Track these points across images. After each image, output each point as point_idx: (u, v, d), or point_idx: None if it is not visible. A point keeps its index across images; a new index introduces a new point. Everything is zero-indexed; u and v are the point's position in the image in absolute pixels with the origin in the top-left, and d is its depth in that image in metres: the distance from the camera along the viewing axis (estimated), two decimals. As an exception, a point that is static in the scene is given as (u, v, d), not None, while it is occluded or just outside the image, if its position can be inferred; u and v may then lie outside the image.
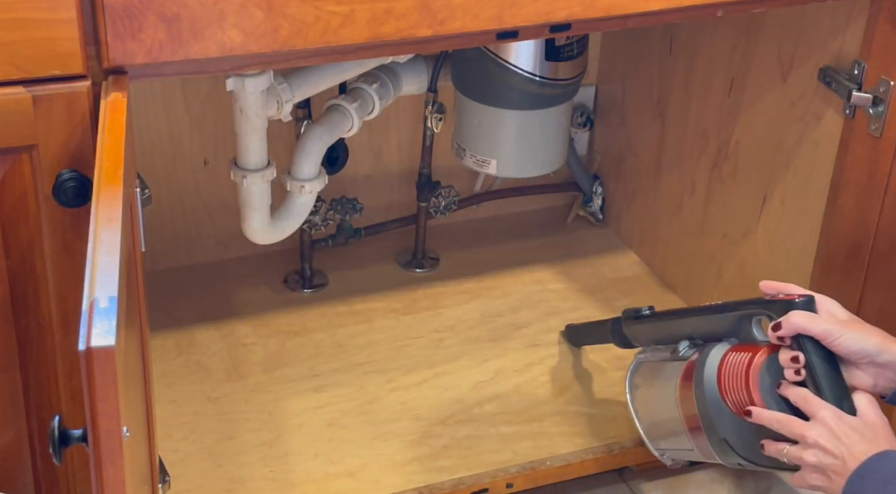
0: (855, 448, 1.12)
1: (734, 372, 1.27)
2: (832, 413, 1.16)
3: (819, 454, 1.15)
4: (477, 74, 1.71)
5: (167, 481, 1.35)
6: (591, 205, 2.05)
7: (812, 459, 1.15)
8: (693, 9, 1.33)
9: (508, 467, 1.55)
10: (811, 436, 1.15)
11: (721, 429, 1.29)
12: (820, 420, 1.15)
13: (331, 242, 1.90)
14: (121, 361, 0.81)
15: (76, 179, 1.14)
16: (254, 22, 1.15)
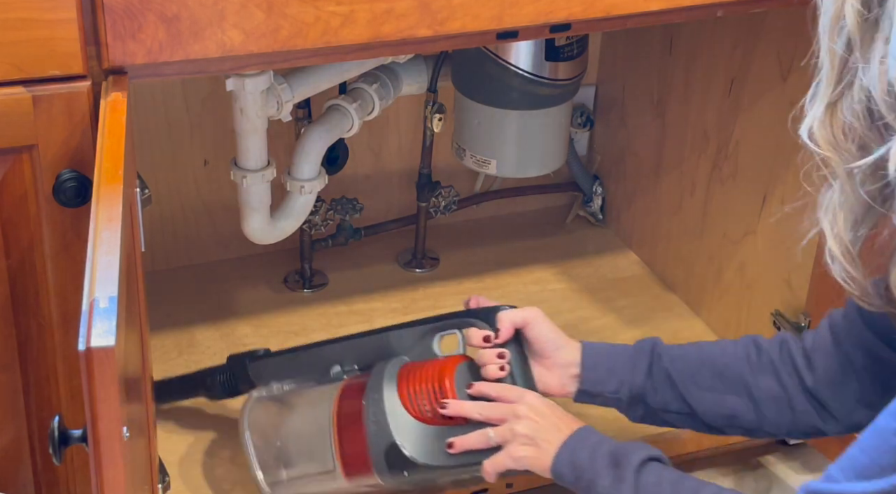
0: (562, 420, 1.21)
1: (422, 379, 1.28)
2: (534, 394, 1.25)
3: (529, 424, 1.21)
4: (477, 74, 1.71)
5: (167, 481, 1.35)
6: (591, 205, 2.05)
7: (522, 429, 1.21)
8: (693, 9, 1.33)
9: (508, 467, 1.55)
10: (522, 410, 1.22)
11: (394, 434, 1.27)
12: (528, 399, 1.23)
13: (331, 242, 1.90)
14: (121, 361, 0.81)
15: (76, 179, 1.14)
16: (254, 22, 1.15)
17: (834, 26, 0.91)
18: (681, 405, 1.29)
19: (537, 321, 1.31)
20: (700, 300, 1.84)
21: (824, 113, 0.93)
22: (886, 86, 0.86)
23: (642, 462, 1.15)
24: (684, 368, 1.28)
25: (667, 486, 1.12)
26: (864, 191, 0.92)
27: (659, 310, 1.86)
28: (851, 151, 0.92)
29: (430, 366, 1.30)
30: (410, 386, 1.29)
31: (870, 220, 0.95)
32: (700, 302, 1.85)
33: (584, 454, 1.18)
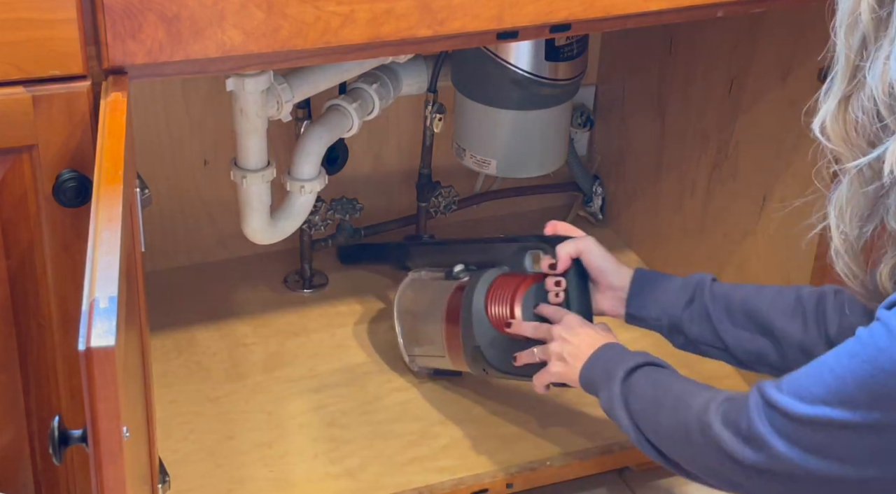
0: (588, 339, 1.33)
1: (501, 293, 1.46)
2: (575, 316, 1.37)
3: (561, 344, 1.34)
4: (477, 74, 1.71)
5: (167, 481, 1.35)
6: (591, 205, 2.05)
7: (556, 348, 1.35)
8: (693, 9, 1.33)
9: (508, 467, 1.55)
10: (556, 331, 1.35)
11: (478, 338, 1.46)
12: (565, 321, 1.36)
13: (331, 242, 1.90)
14: (121, 361, 0.81)
15: (76, 179, 1.14)
16: (254, 22, 1.15)
17: (849, 21, 0.91)
18: (714, 339, 1.34)
19: (589, 250, 1.43)
20: (700, 300, 1.84)
21: (836, 108, 0.94)
22: (888, 86, 0.87)
23: (629, 370, 1.22)
24: (722, 305, 1.34)
25: (649, 390, 1.19)
26: (870, 189, 0.93)
27: (659, 310, 1.86)
28: (862, 147, 0.93)
29: (512, 282, 1.46)
30: (493, 297, 1.46)
31: (874, 219, 0.96)
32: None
33: (597, 370, 1.28)
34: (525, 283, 1.45)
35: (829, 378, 0.96)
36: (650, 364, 1.24)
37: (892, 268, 0.96)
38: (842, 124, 0.93)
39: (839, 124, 0.94)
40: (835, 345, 1.23)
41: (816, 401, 0.96)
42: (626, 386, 1.22)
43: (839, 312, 1.27)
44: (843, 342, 0.97)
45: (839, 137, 0.94)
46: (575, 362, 1.32)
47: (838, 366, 0.96)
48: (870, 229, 0.97)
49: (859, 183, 0.95)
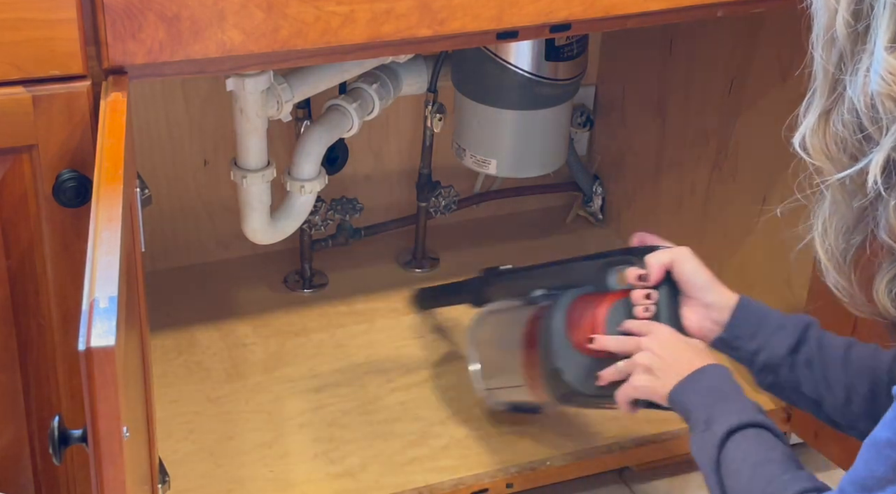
0: (682, 354, 1.22)
1: (584, 311, 1.34)
2: (667, 328, 1.26)
3: (649, 355, 1.23)
4: (477, 74, 1.71)
5: (167, 481, 1.35)
6: (591, 205, 2.05)
7: (644, 360, 1.23)
8: (693, 9, 1.33)
9: (508, 467, 1.55)
10: (645, 342, 1.24)
11: (557, 360, 1.34)
12: (655, 332, 1.25)
13: (331, 242, 1.91)
14: (121, 361, 0.81)
15: (76, 179, 1.14)
16: (254, 22, 1.15)
17: (826, 37, 0.92)
18: (812, 391, 1.25)
19: (683, 261, 1.30)
20: (700, 300, 1.84)
21: (817, 122, 0.94)
22: (869, 98, 0.87)
23: (730, 431, 1.12)
24: (829, 359, 1.24)
25: (746, 468, 1.09)
26: (854, 202, 0.93)
27: (659, 310, 1.86)
28: (843, 161, 0.93)
29: (595, 300, 1.34)
30: (574, 316, 1.35)
31: (861, 231, 0.95)
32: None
33: (693, 398, 1.18)
34: (609, 299, 1.33)
35: (888, 452, 0.90)
36: (755, 425, 1.13)
37: (888, 283, 0.93)
38: (822, 138, 0.93)
39: (820, 138, 0.94)
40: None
41: (885, 483, 0.90)
42: (724, 450, 1.11)
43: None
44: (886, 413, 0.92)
45: (820, 151, 0.94)
46: (664, 377, 1.21)
47: (893, 434, 0.91)
48: (856, 242, 0.95)
49: (843, 196, 0.94)
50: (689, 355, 1.22)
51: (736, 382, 1.18)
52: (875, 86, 0.86)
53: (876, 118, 0.87)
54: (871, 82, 0.87)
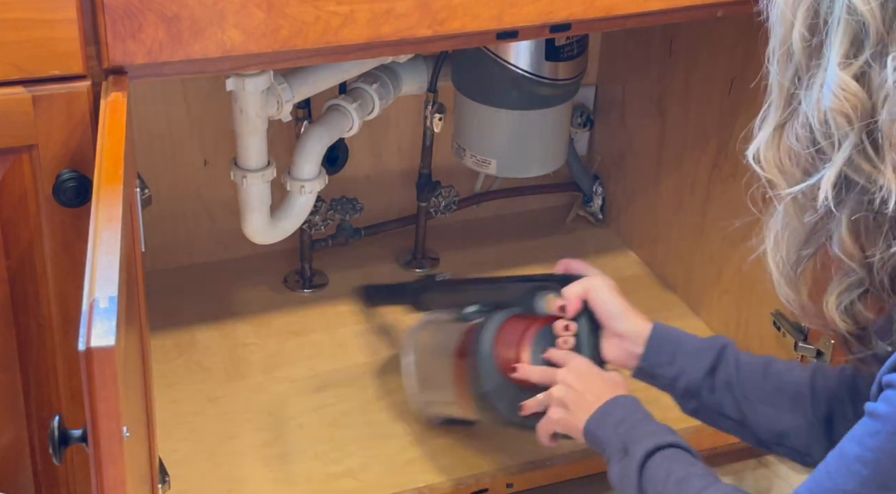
0: (594, 387, 1.24)
1: (510, 336, 1.36)
2: (583, 360, 1.28)
3: (564, 389, 1.26)
4: (477, 74, 1.71)
5: (167, 481, 1.35)
6: (591, 205, 2.05)
7: (558, 393, 1.26)
8: (693, 9, 1.33)
9: (508, 467, 1.55)
10: (560, 375, 1.27)
11: (485, 384, 1.37)
12: (571, 365, 1.28)
13: (331, 242, 1.90)
14: (121, 361, 0.81)
15: (76, 179, 1.14)
16: (254, 22, 1.15)
17: (782, 50, 0.92)
18: (734, 411, 1.26)
19: (596, 291, 1.31)
20: (700, 300, 1.84)
21: (771, 136, 0.95)
22: (822, 114, 0.87)
23: (647, 454, 1.13)
24: (747, 377, 1.25)
25: (670, 485, 1.11)
26: (805, 217, 0.93)
27: (659, 310, 1.85)
28: (796, 176, 0.93)
29: (521, 325, 1.37)
30: (502, 341, 1.37)
31: (812, 244, 0.95)
32: (700, 302, 1.85)
33: (605, 431, 1.19)
34: (534, 326, 1.36)
35: (858, 467, 0.90)
36: (671, 446, 1.14)
37: (838, 296, 0.94)
38: (776, 152, 0.94)
39: (773, 152, 0.95)
40: None
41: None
42: (644, 472, 1.13)
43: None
44: (854, 427, 0.92)
45: (773, 165, 0.95)
46: (578, 411, 1.23)
47: (864, 450, 0.90)
48: (807, 255, 0.96)
49: (795, 210, 0.95)
50: (600, 388, 1.23)
51: (645, 410, 1.20)
52: (827, 102, 0.87)
53: (828, 133, 0.87)
54: (824, 98, 0.87)
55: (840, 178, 0.87)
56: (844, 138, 0.87)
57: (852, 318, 0.94)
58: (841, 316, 0.94)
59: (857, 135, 0.86)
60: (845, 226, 0.89)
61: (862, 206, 0.87)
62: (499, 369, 1.36)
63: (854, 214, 0.88)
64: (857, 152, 0.86)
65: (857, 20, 0.85)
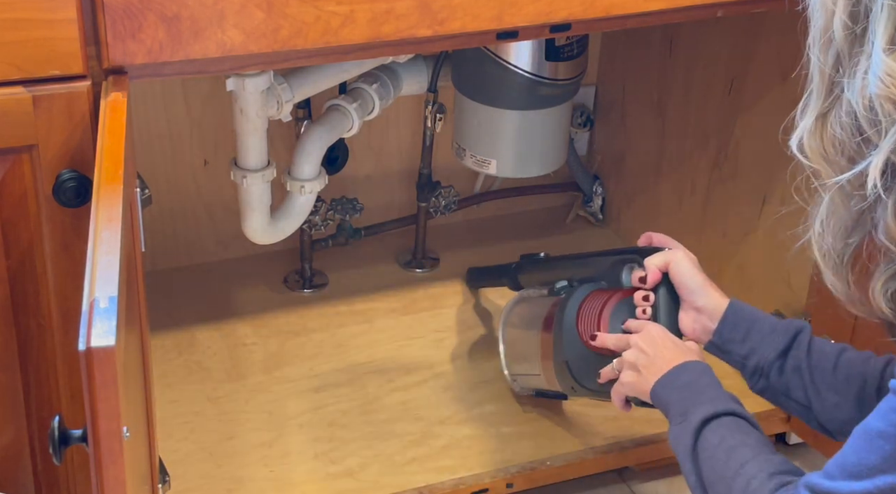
0: (666, 352, 1.23)
1: (592, 307, 1.38)
2: (657, 327, 1.27)
3: (636, 353, 1.25)
4: (477, 74, 1.71)
5: (167, 481, 1.35)
6: (591, 205, 2.05)
7: (631, 357, 1.25)
8: (693, 9, 1.33)
9: (508, 467, 1.55)
10: (633, 339, 1.26)
11: (566, 352, 1.39)
12: (645, 331, 1.27)
13: (331, 242, 1.91)
14: (121, 361, 0.81)
15: (76, 179, 1.14)
16: (254, 22, 1.15)
17: (823, 39, 0.92)
18: (801, 396, 1.25)
19: (677, 263, 1.31)
20: (700, 300, 1.84)
21: (814, 124, 0.94)
22: (868, 101, 0.87)
23: (705, 420, 1.13)
24: (818, 363, 1.24)
25: (721, 453, 1.10)
26: (852, 204, 0.93)
27: (659, 310, 1.86)
28: (841, 164, 0.93)
29: (604, 297, 1.38)
30: (584, 312, 1.39)
31: (859, 232, 0.95)
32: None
33: (670, 393, 1.19)
34: (615, 297, 1.37)
35: (881, 443, 0.91)
36: (730, 414, 1.14)
37: (884, 283, 0.93)
38: (820, 141, 0.94)
39: (817, 141, 0.94)
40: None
41: (875, 472, 0.91)
42: (699, 437, 1.13)
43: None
44: (879, 403, 0.93)
45: (818, 154, 0.94)
46: (648, 374, 1.22)
47: (886, 426, 0.91)
48: (854, 243, 0.95)
49: (841, 198, 0.94)
50: (672, 353, 1.23)
51: (714, 377, 1.19)
52: (874, 88, 0.86)
53: (874, 120, 0.87)
54: (870, 85, 0.87)
55: (887, 165, 0.87)
56: (892, 124, 0.86)
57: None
58: (888, 304, 0.94)
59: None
60: (892, 213, 0.89)
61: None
62: (580, 339, 1.38)
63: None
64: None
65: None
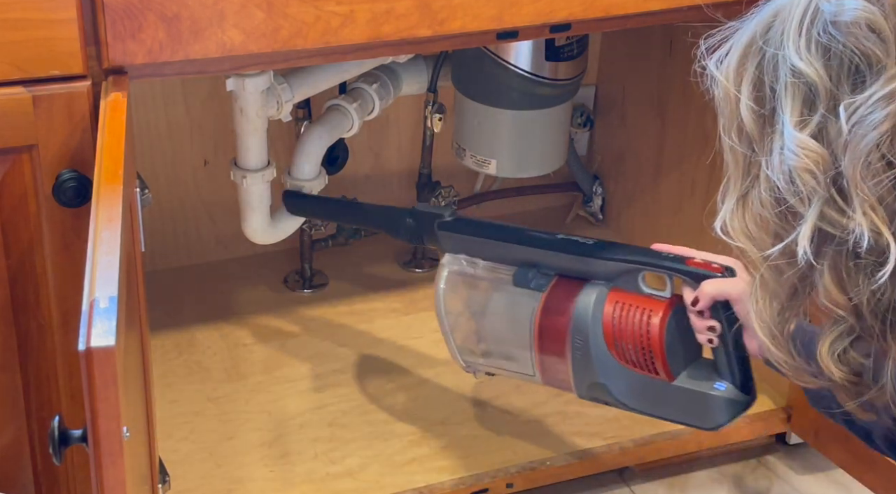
0: None
1: (629, 324, 1.27)
2: None
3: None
4: (477, 74, 1.71)
5: (167, 481, 1.35)
6: (591, 205, 2.05)
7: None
8: (693, 9, 1.33)
9: (508, 467, 1.55)
10: None
11: (601, 375, 1.29)
12: None
13: (331, 242, 1.90)
14: (121, 361, 0.81)
15: (76, 179, 1.14)
16: (254, 22, 1.15)
17: (732, 126, 0.96)
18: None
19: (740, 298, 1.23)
20: (700, 300, 1.84)
21: (735, 206, 0.97)
22: (787, 175, 0.89)
23: None
24: None
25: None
26: (784, 278, 0.94)
27: (659, 310, 1.86)
28: (765, 240, 0.94)
29: (636, 313, 1.27)
30: (617, 329, 1.27)
31: (795, 305, 0.96)
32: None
33: None
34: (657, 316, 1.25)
35: None
36: None
37: (831, 344, 0.94)
38: (742, 221, 0.96)
39: (740, 220, 0.96)
40: None
41: None
42: None
43: None
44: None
45: (741, 233, 0.96)
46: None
47: None
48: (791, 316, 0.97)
49: (770, 274, 0.95)
50: None
51: None
52: (790, 161, 0.89)
53: (796, 191, 0.89)
54: (787, 159, 0.89)
55: (815, 232, 0.89)
56: (813, 194, 0.89)
57: (847, 365, 0.94)
58: (836, 365, 0.94)
59: (825, 188, 0.88)
60: (828, 276, 0.91)
61: (841, 254, 0.89)
62: (614, 356, 1.28)
63: (834, 263, 0.90)
64: (826, 205, 0.88)
65: (805, 82, 0.88)
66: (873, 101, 0.85)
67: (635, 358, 1.27)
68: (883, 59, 0.86)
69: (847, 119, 0.86)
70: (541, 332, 1.34)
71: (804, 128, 0.89)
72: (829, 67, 0.88)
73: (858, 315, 0.90)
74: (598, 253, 1.32)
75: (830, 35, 0.87)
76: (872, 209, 0.85)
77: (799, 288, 0.94)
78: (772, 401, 1.65)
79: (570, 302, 1.31)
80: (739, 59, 0.95)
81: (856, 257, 0.88)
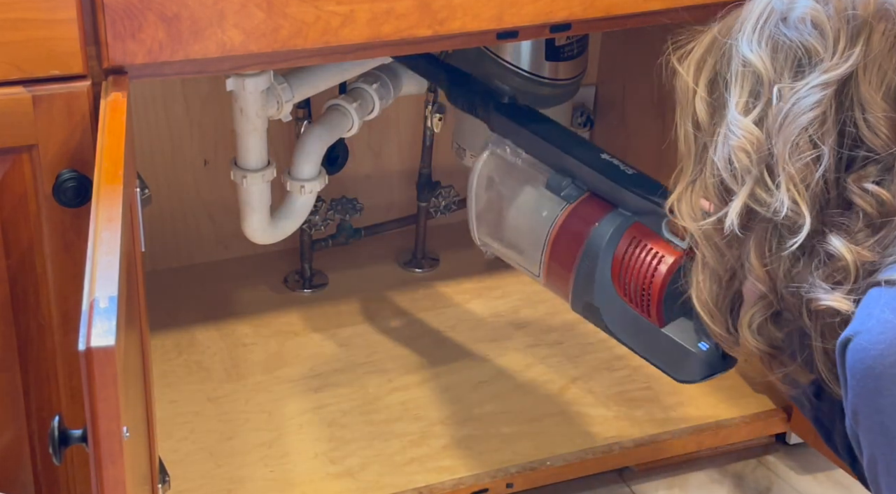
0: None
1: (637, 264, 1.28)
2: None
3: None
4: (477, 74, 1.71)
5: (167, 481, 1.35)
6: (591, 204, 2.04)
7: None
8: (693, 9, 1.33)
9: (508, 467, 1.55)
10: None
11: (597, 298, 1.31)
12: None
13: (331, 242, 1.90)
14: (121, 361, 0.81)
15: (76, 179, 1.14)
16: (254, 22, 1.15)
17: (686, 116, 1.02)
18: None
19: None
20: (700, 300, 1.84)
21: (685, 189, 1.02)
22: (727, 156, 0.95)
23: None
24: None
25: None
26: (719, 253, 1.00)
27: (659, 310, 1.86)
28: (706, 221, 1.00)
29: (648, 254, 1.28)
30: (625, 263, 1.29)
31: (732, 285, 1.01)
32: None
33: None
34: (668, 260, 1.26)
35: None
36: None
37: (750, 317, 0.99)
38: (689, 203, 1.01)
39: (687, 202, 1.02)
40: None
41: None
42: None
43: None
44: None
45: (687, 215, 1.02)
46: None
47: None
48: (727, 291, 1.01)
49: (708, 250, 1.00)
50: None
51: None
52: (731, 141, 0.95)
53: (733, 170, 0.95)
54: (728, 139, 0.95)
55: (744, 209, 0.95)
56: (746, 173, 0.94)
57: (764, 337, 0.99)
58: (753, 336, 1.00)
59: (758, 168, 0.94)
60: (753, 253, 0.96)
61: (766, 232, 0.95)
62: (616, 286, 1.30)
63: (759, 237, 0.95)
64: (757, 184, 0.94)
65: (752, 72, 0.95)
66: (808, 88, 0.91)
67: (634, 296, 1.29)
68: (822, 53, 0.92)
69: (784, 102, 0.93)
70: (556, 241, 1.37)
71: (748, 113, 0.95)
72: (775, 59, 0.95)
73: (776, 290, 0.96)
74: (632, 186, 1.34)
75: (779, 30, 0.94)
76: (794, 185, 0.92)
77: (731, 265, 0.99)
78: (772, 401, 1.65)
79: (592, 223, 1.33)
80: (702, 55, 1.02)
81: (777, 233, 0.94)
